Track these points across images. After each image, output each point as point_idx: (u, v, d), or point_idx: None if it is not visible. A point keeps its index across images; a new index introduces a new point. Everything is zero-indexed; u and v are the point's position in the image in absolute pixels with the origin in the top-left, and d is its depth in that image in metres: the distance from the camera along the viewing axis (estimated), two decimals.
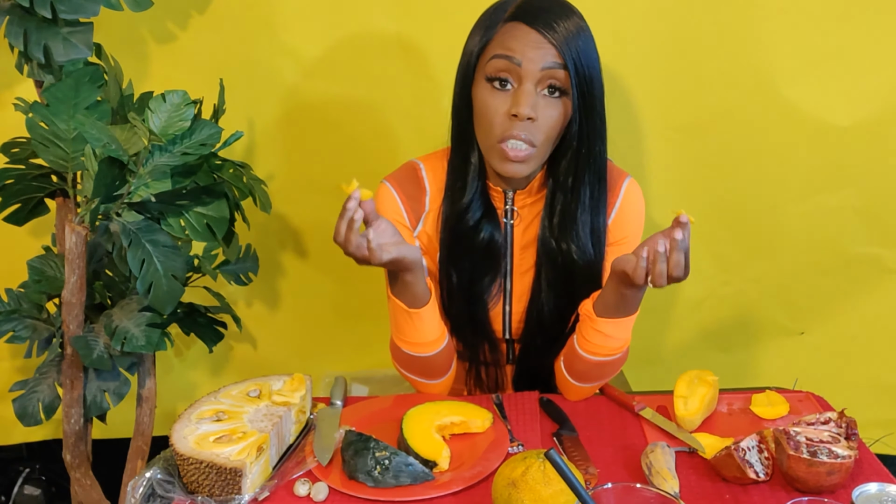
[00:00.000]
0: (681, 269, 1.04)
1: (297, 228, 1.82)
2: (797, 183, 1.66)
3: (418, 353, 1.22)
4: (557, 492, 0.90)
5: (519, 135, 1.12)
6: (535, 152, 1.14)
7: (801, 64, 1.56)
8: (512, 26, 1.12)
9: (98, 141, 1.29)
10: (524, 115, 1.11)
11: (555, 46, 1.10)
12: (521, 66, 1.11)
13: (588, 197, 1.21)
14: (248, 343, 1.94)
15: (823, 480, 0.97)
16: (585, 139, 1.17)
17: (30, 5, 1.34)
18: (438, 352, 1.22)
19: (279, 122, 1.71)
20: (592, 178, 1.20)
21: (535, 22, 1.11)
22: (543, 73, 1.11)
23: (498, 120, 1.13)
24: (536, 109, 1.12)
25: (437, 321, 1.21)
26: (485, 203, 1.24)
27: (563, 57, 1.10)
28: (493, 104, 1.13)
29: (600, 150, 1.19)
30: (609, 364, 1.21)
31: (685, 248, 1.05)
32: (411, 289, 1.16)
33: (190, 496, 1.01)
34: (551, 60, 1.10)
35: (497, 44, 1.13)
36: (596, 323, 1.17)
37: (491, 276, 1.27)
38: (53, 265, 1.56)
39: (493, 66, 1.13)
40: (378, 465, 1.02)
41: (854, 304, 1.77)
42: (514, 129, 1.12)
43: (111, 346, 1.48)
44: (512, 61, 1.11)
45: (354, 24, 1.61)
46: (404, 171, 1.30)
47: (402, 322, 1.20)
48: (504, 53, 1.11)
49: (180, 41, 1.64)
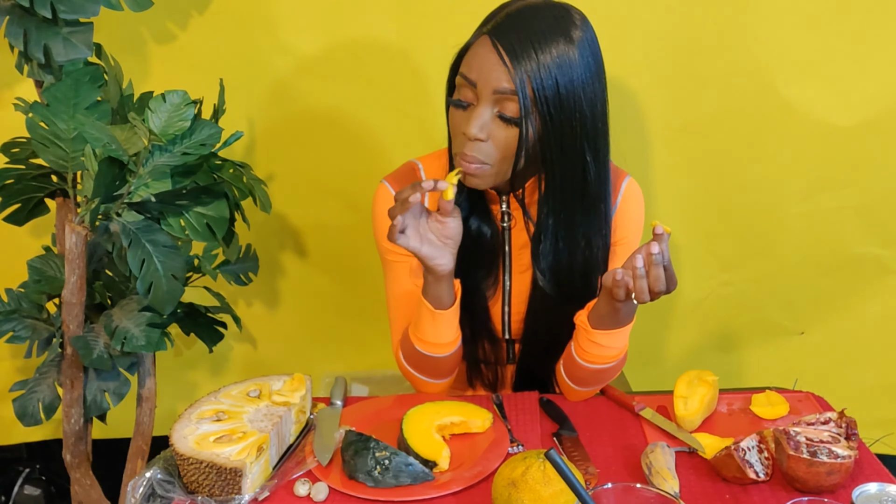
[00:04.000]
0: (662, 283, 1.03)
1: (297, 228, 1.82)
2: (797, 183, 1.66)
3: (431, 353, 1.22)
4: (557, 492, 0.90)
5: (469, 154, 1.11)
6: (489, 169, 1.12)
7: (801, 64, 1.56)
8: (481, 41, 1.10)
9: (98, 141, 1.29)
10: (472, 136, 1.10)
11: (508, 71, 1.07)
12: (476, 87, 1.09)
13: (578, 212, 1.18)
14: (248, 343, 1.94)
15: (823, 480, 0.97)
16: (557, 160, 1.13)
17: (30, 5, 1.34)
18: (450, 354, 1.23)
19: (279, 122, 1.71)
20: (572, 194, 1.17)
21: (501, 39, 1.08)
22: (496, 97, 1.09)
23: (456, 136, 1.14)
24: (486, 130, 1.10)
25: (455, 325, 1.22)
26: (472, 200, 1.23)
27: (515, 84, 1.06)
28: (454, 120, 1.14)
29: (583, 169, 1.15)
30: (607, 370, 1.21)
31: (664, 261, 1.04)
32: (435, 291, 1.17)
33: (190, 496, 1.01)
34: (503, 86, 1.07)
35: (465, 60, 1.12)
36: (591, 335, 1.18)
37: (486, 272, 1.27)
38: (53, 265, 1.56)
39: (458, 84, 1.12)
40: (378, 465, 1.02)
41: (854, 304, 1.77)
42: (466, 147, 1.11)
43: (111, 346, 1.48)
44: (468, 82, 1.10)
45: (354, 24, 1.61)
46: (403, 171, 1.30)
47: (424, 320, 1.20)
48: (465, 74, 1.11)
49: (180, 41, 1.64)
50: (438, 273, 1.14)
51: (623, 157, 1.28)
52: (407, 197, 1.05)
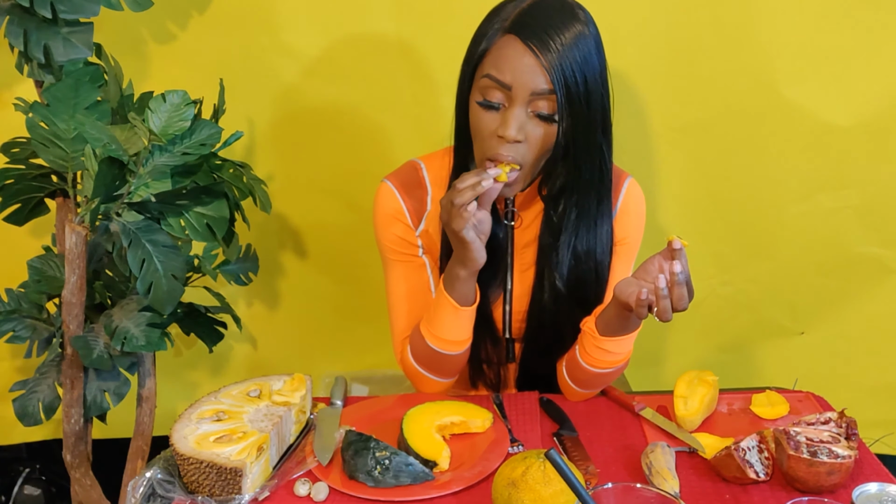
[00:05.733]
0: (685, 301, 1.02)
1: (297, 228, 1.82)
2: (797, 183, 1.66)
3: (444, 350, 1.22)
4: (557, 492, 0.90)
5: (506, 156, 1.10)
6: (520, 174, 1.13)
7: (801, 64, 1.56)
8: (507, 41, 1.08)
9: (98, 141, 1.29)
10: (511, 137, 1.09)
11: (546, 71, 1.06)
12: (511, 90, 1.08)
13: (594, 205, 1.20)
14: (248, 343, 1.94)
15: (823, 480, 0.97)
16: (582, 154, 1.14)
17: (30, 5, 1.34)
18: (461, 353, 1.24)
19: (279, 122, 1.71)
20: (592, 187, 1.19)
21: (530, 38, 1.06)
22: (532, 98, 1.08)
23: (487, 139, 1.12)
24: (524, 131, 1.10)
25: (472, 323, 1.23)
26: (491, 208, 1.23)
27: (554, 83, 1.07)
28: (483, 122, 1.12)
29: (601, 161, 1.17)
30: (611, 373, 1.22)
31: (686, 278, 1.02)
32: (463, 287, 1.17)
33: (190, 496, 1.01)
34: (542, 86, 1.07)
35: (490, 61, 1.09)
36: (598, 341, 1.18)
37: (491, 272, 1.27)
38: (53, 265, 1.56)
39: (485, 86, 1.10)
40: (378, 465, 1.02)
41: (854, 304, 1.77)
42: (502, 149, 1.11)
43: (111, 346, 1.48)
44: (502, 85, 1.08)
45: (354, 24, 1.61)
46: (405, 171, 1.30)
47: (444, 316, 1.20)
48: (496, 76, 1.08)
49: (180, 41, 1.64)
50: (475, 267, 1.15)
51: (623, 157, 1.28)
52: (478, 182, 1.07)
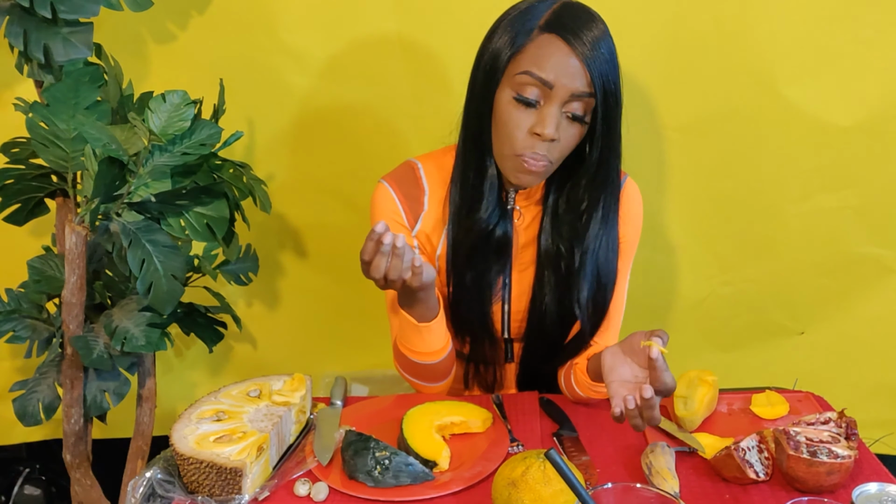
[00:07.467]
0: (656, 421, 1.01)
1: (297, 228, 1.82)
2: (797, 183, 1.66)
3: (423, 361, 1.22)
4: (557, 492, 0.90)
5: (539, 153, 1.11)
6: (550, 167, 1.14)
7: (801, 64, 1.56)
8: (548, 40, 1.07)
9: (98, 141, 1.29)
10: (548, 136, 1.09)
11: (589, 72, 1.07)
12: (553, 88, 1.08)
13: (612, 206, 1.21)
14: (248, 343, 1.94)
15: (823, 480, 0.97)
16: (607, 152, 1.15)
17: (30, 5, 1.34)
18: (442, 359, 1.23)
19: (279, 122, 1.71)
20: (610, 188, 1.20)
21: (573, 39, 1.06)
22: (571, 98, 1.08)
23: (519, 135, 1.11)
24: (560, 130, 1.10)
25: (443, 331, 1.22)
26: (501, 205, 1.23)
27: (595, 86, 1.08)
28: (517, 118, 1.11)
29: (615, 164, 1.18)
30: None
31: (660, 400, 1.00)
32: (425, 303, 1.15)
33: (190, 496, 1.01)
34: (583, 88, 1.08)
35: (530, 57, 1.08)
36: (591, 384, 1.21)
37: (497, 272, 1.26)
38: (53, 265, 1.56)
39: (522, 82, 1.09)
40: (378, 465, 1.02)
41: (854, 304, 1.77)
42: (536, 147, 1.11)
43: (111, 346, 1.48)
44: (543, 83, 1.07)
45: (355, 24, 1.61)
46: (402, 171, 1.29)
47: (411, 334, 1.19)
48: (537, 73, 1.07)
49: (180, 41, 1.64)
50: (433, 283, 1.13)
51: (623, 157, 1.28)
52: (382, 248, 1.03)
